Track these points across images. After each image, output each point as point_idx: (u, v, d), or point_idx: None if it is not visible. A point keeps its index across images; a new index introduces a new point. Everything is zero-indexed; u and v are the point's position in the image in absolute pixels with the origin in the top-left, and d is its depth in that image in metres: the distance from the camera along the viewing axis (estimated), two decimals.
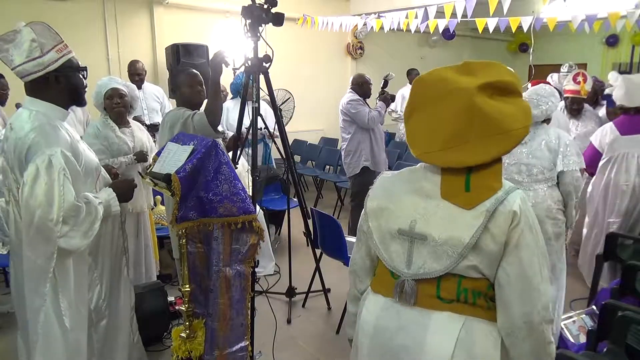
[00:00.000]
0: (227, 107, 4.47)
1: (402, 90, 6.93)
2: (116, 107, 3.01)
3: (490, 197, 1.18)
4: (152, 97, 4.92)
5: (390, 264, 1.30)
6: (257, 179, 2.78)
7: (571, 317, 2.65)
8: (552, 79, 5.19)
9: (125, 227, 2.21)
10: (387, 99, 4.45)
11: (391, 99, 4.54)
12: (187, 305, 1.97)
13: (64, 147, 1.74)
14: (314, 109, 7.24)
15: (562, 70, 5.44)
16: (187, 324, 1.98)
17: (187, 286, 1.96)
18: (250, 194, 2.09)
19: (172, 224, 1.93)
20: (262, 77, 2.81)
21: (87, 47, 5.40)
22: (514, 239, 1.17)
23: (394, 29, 6.39)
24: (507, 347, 1.23)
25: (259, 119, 2.80)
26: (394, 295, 1.28)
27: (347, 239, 3.12)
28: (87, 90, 1.96)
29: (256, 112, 2.76)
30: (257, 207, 3.02)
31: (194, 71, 2.90)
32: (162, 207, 3.70)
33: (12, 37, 1.73)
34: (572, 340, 2.54)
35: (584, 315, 2.66)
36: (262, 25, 2.72)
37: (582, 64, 8.40)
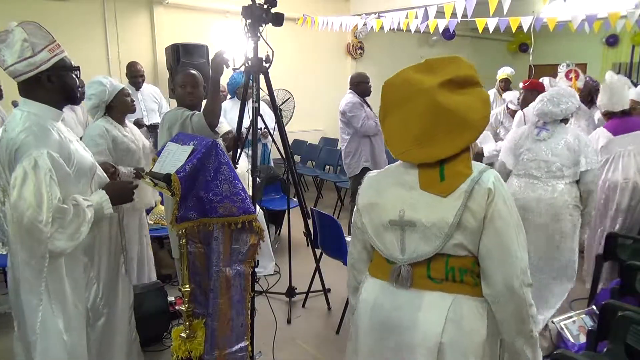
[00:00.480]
0: (224, 107, 4.46)
1: None
2: (132, 105, 2.99)
3: (464, 182, 1.29)
4: (151, 97, 4.92)
5: (386, 253, 1.41)
6: (257, 179, 2.78)
7: (571, 317, 2.65)
8: (551, 83, 5.18)
9: (123, 224, 2.20)
10: None
11: None
12: (187, 305, 1.98)
13: (52, 149, 1.72)
14: (314, 109, 7.24)
15: (559, 70, 5.43)
16: (187, 324, 1.99)
17: (187, 286, 1.97)
18: (250, 194, 2.09)
19: (172, 224, 1.92)
20: (262, 77, 2.82)
21: (87, 47, 5.40)
22: (490, 213, 1.28)
23: (394, 29, 6.39)
24: (494, 313, 1.33)
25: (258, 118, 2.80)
26: (391, 279, 1.39)
27: (347, 239, 3.12)
28: (82, 89, 1.95)
29: (256, 112, 2.76)
30: (257, 207, 3.02)
31: (191, 71, 2.83)
32: (162, 207, 3.70)
33: (4, 38, 1.72)
34: (572, 340, 2.54)
35: (584, 315, 2.67)
36: (262, 25, 2.72)
37: (582, 64, 8.40)
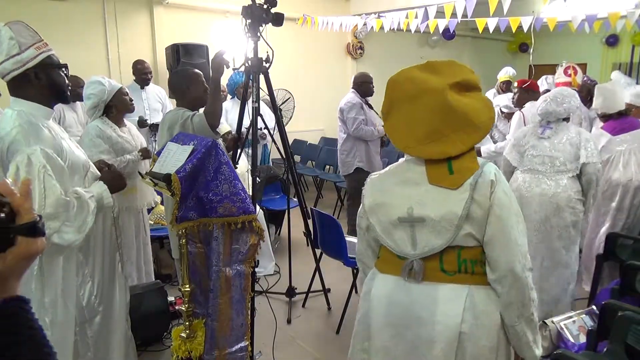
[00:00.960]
0: (225, 108, 4.44)
1: None
2: (131, 104, 2.99)
3: (469, 177, 1.37)
4: (155, 97, 4.92)
5: (397, 250, 1.46)
6: (257, 179, 2.77)
7: (571, 317, 2.65)
8: (547, 81, 5.18)
9: (117, 223, 2.21)
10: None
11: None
12: (187, 305, 1.98)
13: (45, 145, 1.73)
14: (314, 109, 7.23)
15: (558, 69, 5.44)
16: (187, 324, 1.99)
17: (187, 286, 1.97)
18: (250, 194, 2.09)
19: (172, 224, 1.92)
20: (262, 77, 2.81)
21: (87, 47, 5.40)
22: (493, 202, 1.36)
23: (394, 29, 6.39)
24: (500, 300, 1.38)
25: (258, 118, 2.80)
26: (403, 274, 1.43)
27: (347, 239, 3.12)
28: (70, 87, 1.95)
29: (256, 112, 2.76)
30: (257, 207, 3.02)
31: (194, 69, 2.85)
32: (162, 207, 3.70)
33: None
34: (572, 340, 2.54)
35: (584, 315, 2.67)
36: (262, 25, 2.72)
37: (582, 64, 8.39)
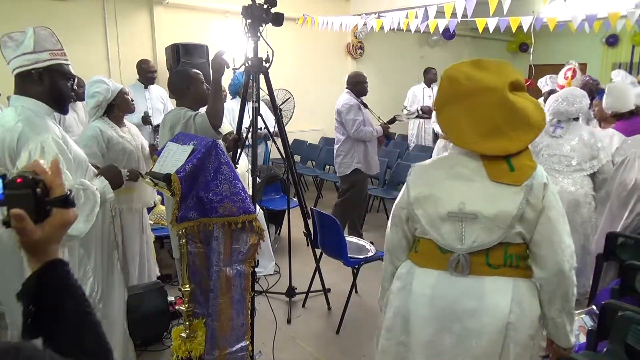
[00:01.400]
0: (231, 107, 4.42)
1: (414, 88, 6.96)
2: (132, 104, 2.99)
3: (531, 174, 1.42)
4: (158, 98, 4.92)
5: (443, 243, 1.49)
6: (257, 179, 2.77)
7: None
8: (550, 80, 5.19)
9: (117, 222, 2.21)
10: (387, 133, 4.55)
11: (388, 137, 4.84)
12: (187, 305, 1.98)
13: (54, 135, 1.75)
14: (314, 109, 7.23)
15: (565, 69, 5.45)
16: (187, 324, 1.99)
17: (187, 286, 1.97)
18: (250, 194, 2.09)
19: (172, 224, 1.93)
20: (262, 77, 2.81)
21: (87, 47, 5.40)
22: (545, 204, 1.42)
23: (394, 29, 6.39)
24: (542, 294, 1.47)
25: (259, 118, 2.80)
26: (449, 268, 1.48)
27: (347, 239, 3.12)
28: (74, 100, 1.96)
29: (256, 112, 2.76)
30: (257, 207, 3.02)
31: (193, 70, 2.86)
32: (162, 207, 3.69)
33: (18, 37, 1.78)
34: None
35: (584, 315, 2.66)
36: (262, 25, 2.72)
37: (582, 64, 8.36)
